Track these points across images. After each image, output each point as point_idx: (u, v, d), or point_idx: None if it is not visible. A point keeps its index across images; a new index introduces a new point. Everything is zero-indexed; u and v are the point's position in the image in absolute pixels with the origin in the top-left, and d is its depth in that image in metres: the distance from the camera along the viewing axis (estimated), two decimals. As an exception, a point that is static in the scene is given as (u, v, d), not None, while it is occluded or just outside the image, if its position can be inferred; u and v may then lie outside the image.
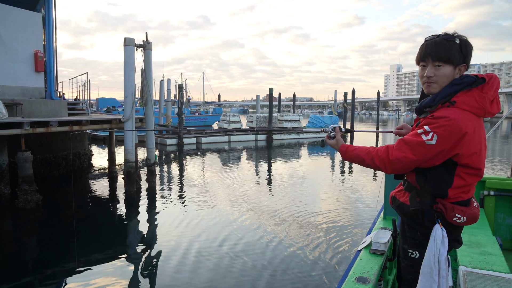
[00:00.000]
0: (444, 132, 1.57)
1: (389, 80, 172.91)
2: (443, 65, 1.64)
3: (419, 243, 1.78)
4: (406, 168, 1.70)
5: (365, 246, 2.48)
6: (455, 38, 1.64)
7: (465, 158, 1.62)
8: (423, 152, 1.62)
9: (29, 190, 8.21)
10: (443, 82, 1.66)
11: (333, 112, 45.03)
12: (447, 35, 1.66)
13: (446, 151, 1.60)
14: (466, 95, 1.62)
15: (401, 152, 1.67)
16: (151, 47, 10.18)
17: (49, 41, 11.86)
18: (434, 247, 1.66)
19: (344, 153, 1.89)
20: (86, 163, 13.33)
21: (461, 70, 1.68)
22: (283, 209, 8.49)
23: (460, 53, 1.64)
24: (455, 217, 1.68)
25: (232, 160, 17.11)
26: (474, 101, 1.61)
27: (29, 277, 5.29)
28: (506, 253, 3.09)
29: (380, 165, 1.73)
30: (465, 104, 1.61)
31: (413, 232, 1.82)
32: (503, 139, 28.63)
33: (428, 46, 1.68)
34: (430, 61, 1.67)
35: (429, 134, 1.59)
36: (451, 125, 1.56)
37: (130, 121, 9.68)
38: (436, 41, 1.67)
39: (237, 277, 5.20)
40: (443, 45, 1.64)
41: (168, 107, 28.08)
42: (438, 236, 1.66)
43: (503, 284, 2.21)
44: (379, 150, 1.76)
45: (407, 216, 1.84)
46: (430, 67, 1.68)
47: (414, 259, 1.80)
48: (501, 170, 13.65)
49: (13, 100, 9.64)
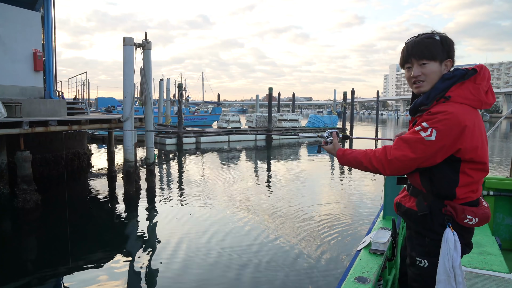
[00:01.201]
0: (443, 127, 1.52)
1: (389, 80, 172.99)
2: (428, 62, 1.63)
3: (429, 251, 1.68)
4: (406, 168, 1.64)
5: (365, 246, 2.48)
6: (434, 35, 1.64)
7: (468, 153, 1.57)
8: (422, 149, 1.56)
9: (28, 190, 8.20)
10: (432, 79, 1.64)
11: (333, 111, 45.05)
12: (426, 34, 1.67)
13: (447, 146, 1.54)
14: (460, 88, 1.59)
15: (400, 151, 1.61)
16: (150, 47, 10.17)
17: (48, 41, 11.83)
18: (447, 252, 1.57)
19: (341, 157, 1.84)
20: (85, 162, 13.32)
21: (447, 65, 1.66)
22: (282, 209, 8.49)
23: (443, 48, 1.63)
24: (467, 218, 1.60)
25: (231, 160, 17.10)
26: (469, 93, 1.58)
27: (28, 276, 5.29)
28: (505, 253, 3.09)
29: (378, 166, 1.68)
30: (461, 98, 1.58)
31: (421, 239, 1.72)
32: (503, 138, 28.66)
33: (410, 47, 1.68)
34: (414, 61, 1.66)
35: (428, 130, 1.54)
36: (450, 118, 1.52)
37: (129, 120, 9.67)
38: (416, 41, 1.67)
39: (236, 276, 5.20)
40: (424, 43, 1.64)
41: (167, 107, 28.07)
42: (450, 241, 1.58)
43: (502, 284, 2.21)
44: (377, 151, 1.70)
45: (415, 222, 1.74)
46: (415, 67, 1.67)
47: (423, 268, 1.70)
48: (501, 170, 13.66)
49: (12, 100, 9.63)
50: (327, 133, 1.98)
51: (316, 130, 28.75)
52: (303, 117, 32.37)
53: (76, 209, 8.83)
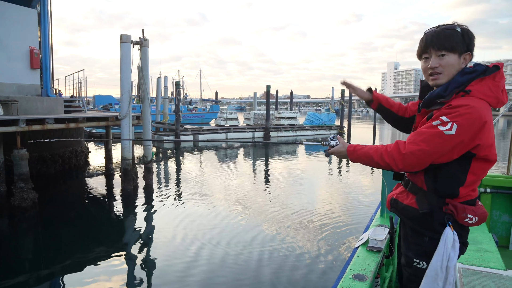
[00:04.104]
0: (465, 121, 1.46)
1: (387, 77, 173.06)
2: (447, 54, 1.57)
3: (427, 251, 1.63)
4: (420, 163, 1.56)
5: (362, 243, 2.48)
6: (456, 27, 1.59)
7: (484, 150, 1.53)
8: (440, 144, 1.49)
9: (25, 188, 8.16)
10: (450, 72, 1.59)
11: (331, 109, 45.12)
12: (447, 25, 1.61)
13: (466, 142, 1.48)
14: (480, 84, 1.54)
15: (415, 145, 1.53)
16: (147, 44, 10.12)
17: (45, 38, 11.76)
18: (444, 251, 1.54)
19: (352, 153, 1.73)
20: (82, 160, 13.27)
21: (466, 59, 1.60)
22: (280, 206, 8.50)
23: (463, 41, 1.57)
24: (467, 217, 1.57)
25: (229, 157, 17.09)
26: (489, 90, 1.53)
27: (24, 275, 5.27)
28: (502, 250, 3.10)
29: (390, 161, 1.58)
30: (481, 93, 1.52)
31: (419, 238, 1.67)
32: (500, 136, 28.74)
33: (429, 37, 1.62)
34: (432, 51, 1.60)
35: (448, 124, 1.47)
36: (472, 113, 1.46)
37: (127, 118, 9.64)
38: (437, 31, 1.61)
39: (235, 273, 5.20)
40: (444, 34, 1.58)
41: (165, 105, 28.02)
42: (449, 240, 1.55)
43: (499, 281, 2.21)
44: (388, 146, 1.62)
45: (412, 220, 1.69)
46: (433, 58, 1.60)
47: (421, 269, 1.65)
48: (498, 167, 13.72)
49: (8, 98, 9.57)
50: (331, 137, 1.92)
51: (314, 128, 28.74)
52: (301, 114, 32.36)
53: (73, 207, 8.82)
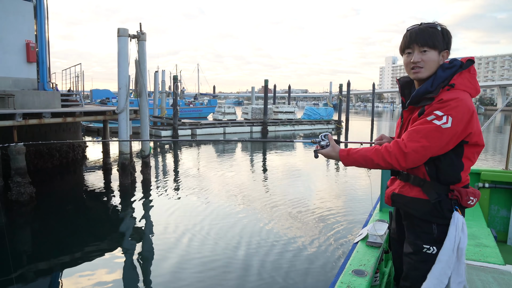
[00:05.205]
0: (457, 114, 1.58)
1: (384, 72, 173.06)
2: (429, 50, 1.69)
3: (436, 238, 1.71)
4: (422, 159, 1.65)
5: (362, 239, 2.48)
6: (436, 26, 1.71)
7: (475, 136, 1.65)
8: (439, 137, 1.60)
9: (22, 182, 8.13)
10: (431, 67, 1.70)
11: (328, 104, 45.08)
12: (429, 23, 1.73)
13: (460, 132, 1.61)
14: (461, 77, 1.67)
15: (416, 142, 1.62)
16: (145, 38, 10.04)
17: (41, 31, 11.64)
18: (456, 234, 1.64)
19: (346, 158, 1.76)
20: (80, 155, 13.24)
21: (444, 56, 1.73)
22: (278, 201, 8.51)
23: (443, 39, 1.71)
24: (469, 200, 1.70)
25: (226, 152, 17.07)
26: (468, 82, 1.68)
27: (22, 269, 5.26)
28: (501, 245, 3.11)
29: (393, 161, 1.66)
30: (463, 86, 1.66)
31: (427, 227, 1.74)
32: (497, 131, 28.83)
33: (413, 34, 1.73)
34: (416, 47, 1.71)
35: (443, 117, 1.59)
36: (461, 105, 1.59)
37: (124, 112, 9.60)
38: (421, 28, 1.72)
39: (233, 268, 5.20)
40: (427, 31, 1.70)
41: (162, 99, 27.90)
42: (459, 223, 1.65)
43: (498, 276, 2.22)
44: (388, 146, 1.69)
45: (421, 210, 1.74)
46: (416, 53, 1.71)
47: (430, 254, 1.72)
48: (497, 162, 13.77)
49: (4, 91, 9.50)
50: (322, 136, 1.86)
51: (312, 122, 28.74)
52: (298, 109, 32.35)
53: (71, 202, 8.79)
